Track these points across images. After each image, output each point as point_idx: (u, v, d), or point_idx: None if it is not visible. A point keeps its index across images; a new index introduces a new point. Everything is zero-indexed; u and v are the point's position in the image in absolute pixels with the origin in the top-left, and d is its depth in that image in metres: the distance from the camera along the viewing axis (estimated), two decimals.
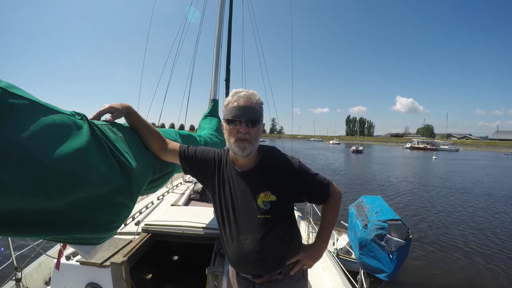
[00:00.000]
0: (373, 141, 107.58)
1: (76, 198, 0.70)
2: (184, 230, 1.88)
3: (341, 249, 4.67)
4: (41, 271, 2.17)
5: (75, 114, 0.81)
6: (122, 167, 0.89)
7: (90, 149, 0.75)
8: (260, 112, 1.08)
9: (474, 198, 11.67)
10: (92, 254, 0.91)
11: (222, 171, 1.18)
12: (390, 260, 1.69)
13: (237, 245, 1.13)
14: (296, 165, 1.12)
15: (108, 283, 1.54)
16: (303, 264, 1.22)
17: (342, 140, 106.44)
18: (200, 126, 2.77)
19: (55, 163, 0.63)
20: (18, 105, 0.61)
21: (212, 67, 3.69)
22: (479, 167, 25.81)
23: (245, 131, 1.03)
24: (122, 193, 0.87)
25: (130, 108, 1.11)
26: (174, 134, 1.52)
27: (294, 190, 1.12)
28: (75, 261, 1.62)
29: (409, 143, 68.12)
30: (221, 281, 1.55)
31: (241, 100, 1.04)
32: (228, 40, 4.42)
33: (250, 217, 1.10)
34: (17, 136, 0.57)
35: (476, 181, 16.79)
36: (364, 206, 2.11)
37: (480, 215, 9.00)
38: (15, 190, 0.55)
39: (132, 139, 1.09)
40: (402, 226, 1.73)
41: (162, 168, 1.28)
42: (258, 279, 1.18)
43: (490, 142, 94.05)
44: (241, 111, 1.03)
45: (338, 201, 1.22)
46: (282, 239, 1.14)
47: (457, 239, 6.78)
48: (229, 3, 4.44)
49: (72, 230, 0.73)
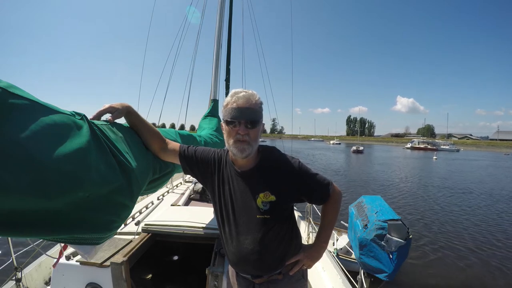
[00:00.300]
0: (374, 141, 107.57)
1: (76, 198, 0.70)
2: (184, 230, 1.88)
3: (341, 249, 4.67)
4: (41, 271, 2.17)
5: (75, 114, 0.81)
6: (122, 167, 0.89)
7: (90, 149, 0.75)
8: (259, 113, 1.07)
9: (475, 198, 11.67)
10: (92, 254, 0.91)
11: (222, 171, 1.18)
12: (390, 260, 1.69)
13: (236, 245, 1.13)
14: (296, 165, 1.12)
15: (108, 283, 1.54)
16: (303, 264, 1.22)
17: (343, 140, 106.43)
18: (200, 126, 2.77)
19: (55, 163, 0.63)
20: (18, 105, 0.61)
21: (212, 67, 3.69)
22: (480, 167, 25.77)
23: (244, 133, 1.03)
24: (122, 193, 0.87)
25: (130, 108, 1.11)
26: (174, 134, 1.52)
27: (294, 190, 1.12)
28: (75, 261, 1.62)
29: (410, 143, 68.02)
30: (221, 281, 1.55)
31: (240, 101, 1.03)
32: (228, 40, 4.42)
33: (250, 217, 1.10)
34: (17, 136, 0.57)
35: (477, 181, 16.77)
36: (364, 206, 2.11)
37: (481, 215, 9.00)
38: (15, 190, 0.55)
39: (132, 139, 1.09)
40: (402, 226, 1.73)
41: (162, 168, 1.28)
42: (257, 279, 1.18)
43: (491, 142, 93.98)
44: (240, 112, 1.02)
45: (338, 201, 1.22)
46: (282, 239, 1.14)
47: (458, 239, 6.78)
48: (229, 3, 4.44)
49: (72, 230, 0.73)
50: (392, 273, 1.69)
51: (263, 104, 1.11)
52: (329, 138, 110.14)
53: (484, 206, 10.32)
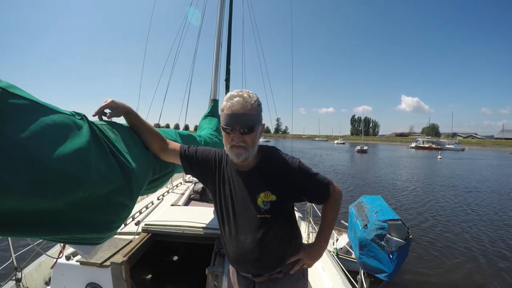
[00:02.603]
0: (378, 141, 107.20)
1: (76, 198, 0.70)
2: (184, 230, 1.88)
3: (341, 249, 4.67)
4: (41, 271, 2.17)
5: (75, 114, 0.81)
6: (122, 167, 0.89)
7: (90, 149, 0.75)
8: (255, 117, 1.03)
9: (477, 198, 11.56)
10: (92, 254, 0.92)
11: (222, 171, 1.18)
12: (390, 260, 1.69)
13: (236, 244, 1.14)
14: (296, 165, 1.11)
15: (108, 283, 1.54)
16: (303, 263, 1.22)
17: (347, 139, 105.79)
18: (200, 126, 2.77)
19: (55, 163, 0.63)
20: (18, 105, 0.61)
21: (212, 67, 3.69)
22: (488, 166, 25.48)
23: (239, 139, 1.01)
24: (122, 193, 0.88)
25: (129, 108, 1.12)
26: (174, 134, 1.52)
27: (294, 190, 1.12)
28: (75, 261, 1.62)
29: (414, 142, 67.46)
30: (221, 281, 1.55)
31: (235, 107, 0.99)
32: (228, 40, 4.42)
33: (250, 217, 1.10)
34: (17, 136, 0.57)
35: (484, 180, 16.69)
36: (364, 206, 2.11)
37: (484, 215, 8.97)
38: (15, 190, 0.56)
39: (132, 139, 1.09)
40: (402, 226, 1.73)
41: (162, 168, 1.28)
42: (257, 278, 1.18)
43: (496, 141, 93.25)
44: (234, 119, 0.99)
45: (338, 201, 1.22)
46: (282, 239, 1.14)
47: (458, 239, 6.77)
48: (229, 3, 4.44)
49: (72, 230, 0.73)
50: (392, 273, 1.69)
51: (261, 105, 1.08)
52: (333, 138, 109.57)
53: (488, 206, 10.25)
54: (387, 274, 1.70)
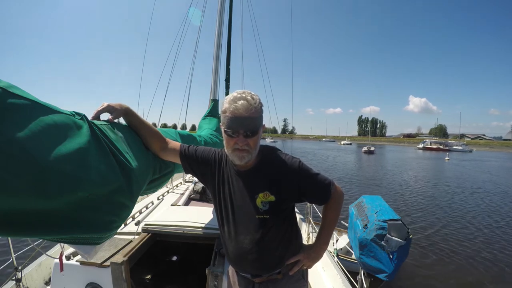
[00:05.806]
0: (385, 142, 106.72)
1: (76, 198, 0.70)
2: (184, 230, 1.88)
3: (341, 249, 4.66)
4: (41, 271, 2.17)
5: (75, 114, 0.81)
6: (122, 167, 0.89)
7: (90, 149, 0.75)
8: (259, 120, 1.03)
9: (480, 199, 11.49)
10: (92, 254, 0.92)
11: (222, 171, 1.18)
12: (390, 260, 1.69)
13: (235, 244, 1.14)
14: (296, 165, 1.11)
15: (108, 283, 1.54)
16: (303, 264, 1.22)
17: (354, 140, 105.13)
18: (200, 126, 2.77)
19: (55, 163, 0.63)
20: (18, 105, 0.61)
21: (212, 67, 3.69)
22: (501, 168, 25.17)
23: (243, 143, 1.00)
24: (122, 193, 0.87)
25: (128, 109, 1.12)
26: (174, 134, 1.52)
27: (294, 191, 1.11)
28: (75, 261, 1.62)
29: (422, 143, 66.95)
30: (221, 281, 1.55)
31: (239, 111, 0.97)
32: (228, 40, 4.42)
33: (249, 217, 1.10)
34: (17, 135, 0.57)
35: (489, 181, 16.59)
36: (364, 206, 2.11)
37: (485, 216, 8.95)
38: (15, 190, 0.55)
39: (132, 139, 1.09)
40: (402, 226, 1.73)
41: (162, 168, 1.28)
42: (257, 279, 1.18)
43: (504, 142, 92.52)
44: (238, 123, 0.98)
45: (339, 201, 1.20)
46: (281, 240, 1.14)
47: (459, 239, 6.76)
48: (229, 3, 4.44)
49: (72, 230, 0.73)
50: (392, 273, 1.69)
51: (263, 106, 1.07)
52: (340, 139, 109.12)
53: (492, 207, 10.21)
54: (387, 274, 1.70)
